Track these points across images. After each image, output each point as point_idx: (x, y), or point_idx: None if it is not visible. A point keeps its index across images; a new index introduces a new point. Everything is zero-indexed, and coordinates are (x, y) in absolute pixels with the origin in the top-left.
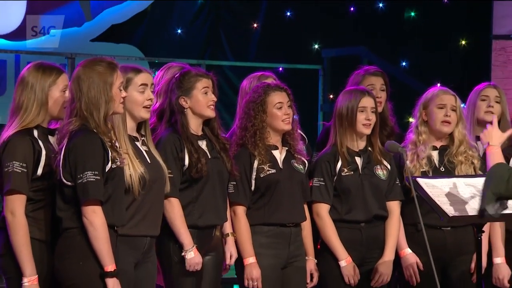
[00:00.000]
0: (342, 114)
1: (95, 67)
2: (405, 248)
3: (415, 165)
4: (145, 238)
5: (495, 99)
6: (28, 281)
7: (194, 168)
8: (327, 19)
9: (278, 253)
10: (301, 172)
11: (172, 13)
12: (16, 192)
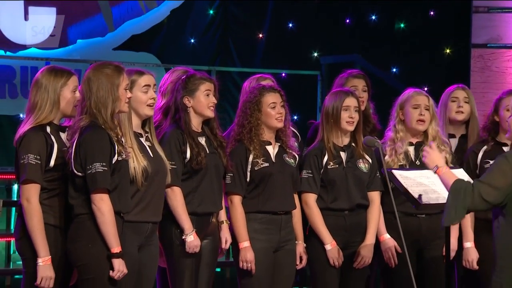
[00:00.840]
0: (328, 113)
1: (103, 70)
2: (384, 233)
3: (394, 159)
4: (148, 224)
5: (464, 99)
6: (42, 262)
7: (195, 160)
8: (325, 30)
9: (270, 238)
10: (292, 165)
11: (186, 24)
12: (31, 181)
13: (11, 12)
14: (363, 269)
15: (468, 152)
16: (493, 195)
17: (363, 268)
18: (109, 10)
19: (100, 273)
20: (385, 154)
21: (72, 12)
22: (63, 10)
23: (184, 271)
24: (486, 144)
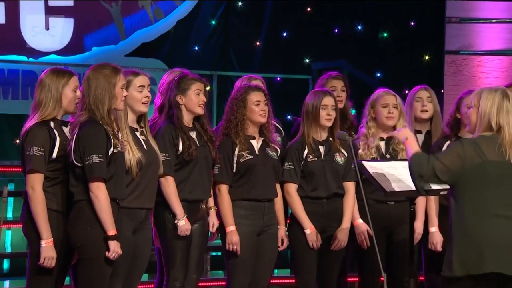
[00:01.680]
0: (308, 110)
1: (102, 70)
2: (358, 219)
3: (366, 153)
4: (142, 210)
5: (427, 99)
6: (45, 243)
7: (186, 152)
8: (316, 38)
9: (254, 223)
10: (274, 158)
11: (191, 33)
12: (35, 171)
13: (33, 23)
14: (339, 251)
15: (433, 147)
16: (443, 172)
17: (339, 250)
18: (121, 21)
19: (97, 253)
20: (359, 148)
21: (88, 22)
22: (79, 21)
23: (176, 252)
24: (449, 139)
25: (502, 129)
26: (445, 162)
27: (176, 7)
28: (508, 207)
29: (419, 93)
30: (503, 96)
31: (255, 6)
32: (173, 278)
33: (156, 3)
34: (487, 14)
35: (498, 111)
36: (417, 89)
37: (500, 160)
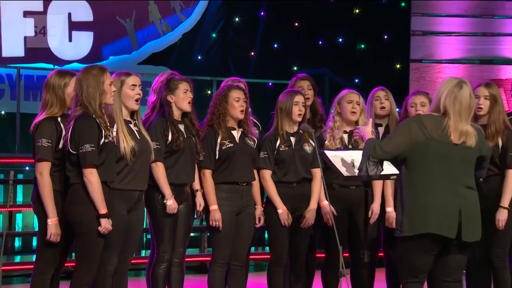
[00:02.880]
0: (282, 107)
1: (90, 71)
2: (324, 200)
3: (332, 143)
4: (135, 192)
5: (384, 97)
6: (51, 221)
7: (175, 143)
8: (302, 49)
9: (234, 203)
10: (252, 146)
11: (194, 45)
12: (43, 160)
13: (59, 35)
14: (307, 228)
15: None
16: (390, 147)
17: (308, 227)
18: (134, 34)
19: (91, 229)
20: (325, 139)
21: (105, 35)
22: (98, 34)
23: (165, 228)
24: None
25: (447, 112)
26: (392, 138)
27: (181, 22)
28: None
29: (377, 93)
30: (457, 83)
31: (250, 21)
32: (162, 251)
33: (164, 19)
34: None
35: (448, 95)
36: (376, 90)
37: (443, 140)
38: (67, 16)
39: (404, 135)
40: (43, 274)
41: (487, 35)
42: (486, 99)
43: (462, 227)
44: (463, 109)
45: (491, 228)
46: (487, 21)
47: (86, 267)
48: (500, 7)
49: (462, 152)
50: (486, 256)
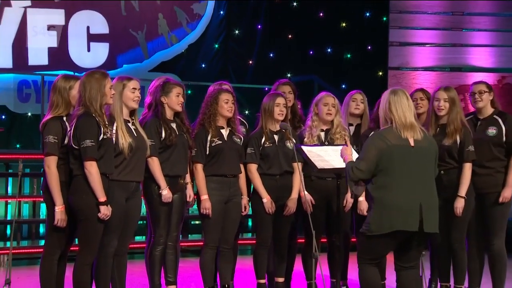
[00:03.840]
0: (265, 108)
1: (93, 75)
2: (305, 191)
3: (310, 140)
4: (132, 183)
5: (360, 100)
6: (58, 208)
7: (168, 139)
8: (295, 58)
9: (222, 193)
10: (238, 143)
11: (199, 54)
12: (50, 154)
13: (78, 46)
14: (289, 215)
15: (362, 136)
16: (364, 165)
17: (290, 215)
18: (145, 44)
19: (91, 215)
20: (305, 136)
21: (120, 46)
22: (114, 45)
23: (160, 215)
24: (374, 130)
25: (393, 119)
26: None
27: (187, 34)
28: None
29: (355, 95)
30: (391, 93)
31: (248, 34)
32: (158, 235)
33: (172, 31)
34: (420, 40)
35: (388, 105)
36: (353, 93)
37: (400, 143)
38: (86, 29)
39: (371, 151)
40: (51, 255)
41: (457, 45)
42: (446, 102)
43: (424, 220)
44: (405, 106)
45: (450, 215)
46: (456, 33)
47: (87, 248)
48: (468, 21)
49: (418, 153)
50: (446, 240)
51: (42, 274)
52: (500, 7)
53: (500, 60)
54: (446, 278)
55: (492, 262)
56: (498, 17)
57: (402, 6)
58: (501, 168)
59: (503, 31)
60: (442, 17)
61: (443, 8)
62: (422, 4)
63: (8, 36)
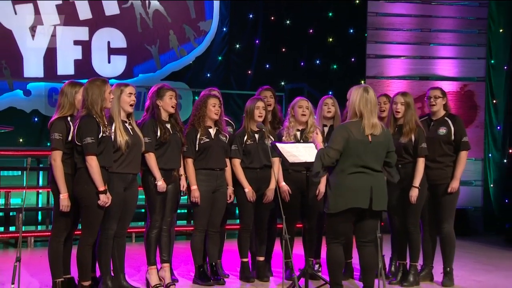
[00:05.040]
0: (248, 110)
1: (95, 82)
2: (282, 182)
3: (288, 138)
4: (129, 175)
5: (331, 104)
6: (62, 196)
7: (162, 137)
8: (288, 69)
9: (210, 184)
10: (224, 141)
11: (205, 65)
12: (56, 149)
13: (100, 59)
14: (269, 203)
15: None
16: (333, 153)
17: (269, 203)
18: (158, 57)
19: (92, 202)
20: (283, 135)
21: (136, 58)
22: (130, 57)
23: (156, 203)
24: None
25: (362, 115)
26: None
27: (194, 48)
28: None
29: (326, 100)
30: (364, 90)
31: (247, 47)
32: (154, 220)
33: (181, 45)
34: (393, 53)
35: (360, 101)
36: (325, 98)
37: (361, 138)
38: (106, 43)
39: (338, 140)
40: (57, 237)
41: (425, 58)
42: (402, 105)
43: (373, 199)
44: (373, 106)
45: (406, 203)
46: (424, 47)
47: (89, 231)
48: (435, 37)
49: (374, 147)
50: (403, 225)
51: (50, 254)
52: (462, 25)
53: (462, 71)
54: (403, 257)
55: (443, 243)
56: (460, 33)
57: (378, 24)
58: (451, 163)
59: (464, 46)
60: (412, 33)
61: (413, 25)
62: (395, 22)
63: (40, 49)
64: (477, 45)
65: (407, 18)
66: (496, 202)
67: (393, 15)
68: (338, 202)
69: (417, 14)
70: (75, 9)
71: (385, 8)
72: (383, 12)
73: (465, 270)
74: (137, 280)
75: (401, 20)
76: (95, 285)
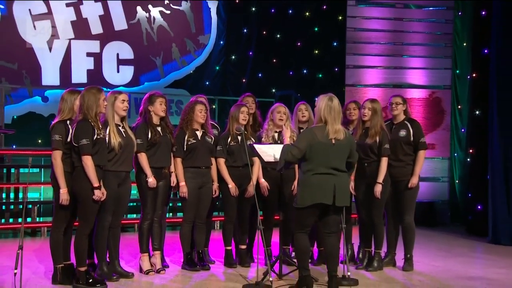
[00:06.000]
0: (232, 115)
1: (91, 90)
2: (261, 178)
3: (267, 140)
4: (123, 172)
5: (305, 109)
6: (62, 191)
7: (153, 138)
8: (278, 77)
9: (197, 181)
10: (210, 142)
11: (204, 74)
12: (56, 149)
13: (110, 69)
14: (250, 198)
15: None
16: (296, 151)
17: (250, 197)
18: (162, 67)
19: (88, 197)
20: (262, 137)
21: (142, 68)
22: (137, 67)
23: (147, 198)
24: None
25: (327, 121)
26: (296, 144)
27: (194, 59)
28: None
29: (300, 106)
30: (329, 99)
31: (242, 59)
32: (146, 213)
33: (183, 57)
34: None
35: (325, 109)
36: (299, 104)
37: (325, 141)
38: (116, 55)
39: (303, 142)
40: (57, 228)
41: (397, 68)
42: (369, 110)
43: (336, 196)
44: (336, 114)
45: (371, 197)
46: (397, 59)
47: (84, 223)
48: (406, 50)
49: (337, 149)
50: (369, 217)
51: (51, 243)
52: (430, 39)
53: (430, 80)
54: (369, 245)
55: (404, 233)
56: (428, 46)
57: (356, 38)
58: (411, 162)
59: (432, 57)
60: (386, 46)
61: (387, 39)
62: (371, 36)
63: (56, 61)
64: (444, 57)
65: (382, 33)
66: (461, 196)
67: (370, 30)
68: (305, 198)
69: (391, 29)
70: (87, 25)
71: (363, 24)
72: (361, 28)
73: (426, 256)
74: (133, 265)
75: (376, 34)
76: (93, 270)
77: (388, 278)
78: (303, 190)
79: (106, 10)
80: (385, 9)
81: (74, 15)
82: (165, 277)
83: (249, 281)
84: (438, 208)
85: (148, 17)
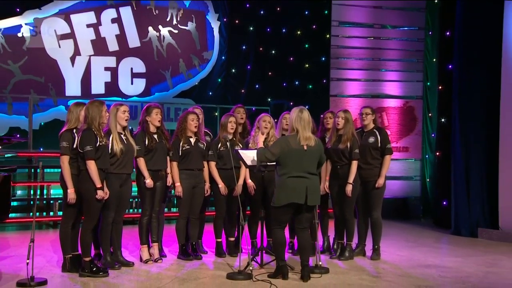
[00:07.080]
0: (222, 124)
1: (94, 103)
2: (249, 179)
3: (253, 146)
4: (124, 174)
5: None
6: (69, 191)
7: (149, 145)
8: (274, 88)
9: (190, 181)
10: (202, 148)
11: (207, 86)
12: (64, 154)
13: (125, 81)
14: (237, 196)
15: None
16: (269, 155)
17: (237, 196)
18: (170, 79)
19: (91, 196)
20: (249, 143)
21: (153, 80)
22: (149, 80)
23: (145, 196)
24: None
25: (297, 129)
26: (271, 149)
27: (199, 72)
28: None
29: (284, 116)
30: (299, 111)
31: (241, 72)
32: (144, 209)
33: (189, 70)
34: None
35: (296, 120)
36: (284, 113)
37: (297, 147)
38: (130, 69)
39: (277, 148)
40: (66, 223)
41: (376, 80)
42: (342, 119)
43: (308, 197)
44: (306, 123)
45: (343, 196)
46: (376, 72)
47: (89, 218)
48: (383, 64)
49: (309, 154)
50: (342, 213)
51: (60, 236)
52: (404, 55)
53: (404, 91)
54: (341, 237)
55: (372, 227)
56: (403, 62)
57: (339, 54)
58: (378, 164)
59: (406, 71)
60: (366, 61)
61: (367, 55)
62: (352, 53)
63: (78, 74)
64: (416, 71)
65: (362, 50)
66: (431, 193)
67: (351, 48)
68: (281, 198)
69: (370, 46)
70: (105, 43)
71: (345, 42)
72: (343, 45)
73: (393, 247)
74: (136, 255)
75: (357, 51)
76: (98, 259)
77: (357, 266)
78: (279, 191)
79: (122, 30)
80: (364, 29)
81: (94, 34)
82: (161, 266)
83: (234, 270)
84: (411, 204)
85: (159, 36)
